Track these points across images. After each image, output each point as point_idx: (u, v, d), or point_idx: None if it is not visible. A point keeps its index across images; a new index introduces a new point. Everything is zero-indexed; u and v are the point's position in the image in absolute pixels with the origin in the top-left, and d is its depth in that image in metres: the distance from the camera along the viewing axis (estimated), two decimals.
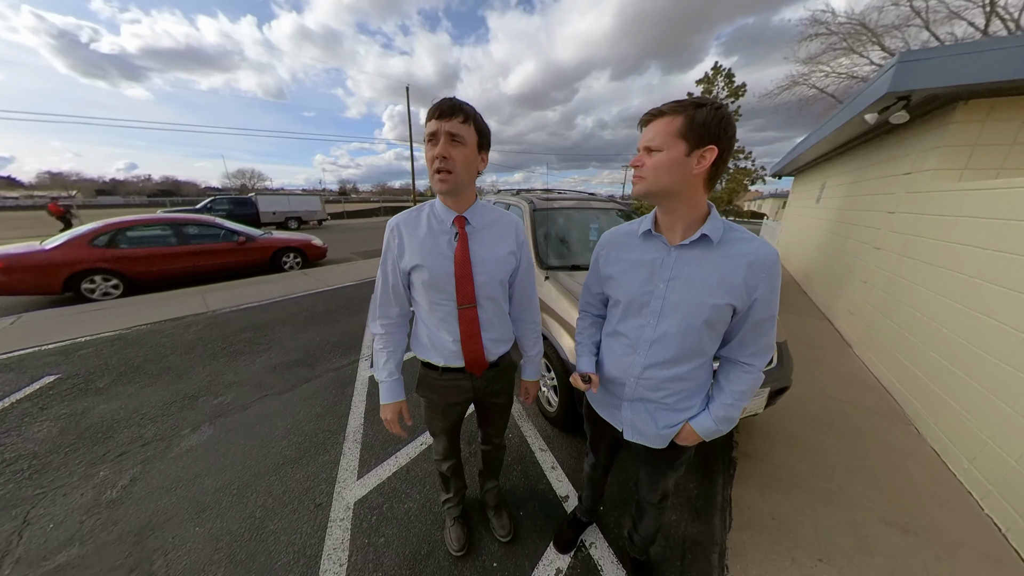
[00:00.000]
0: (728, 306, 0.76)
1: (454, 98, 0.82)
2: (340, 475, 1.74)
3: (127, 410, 2.26)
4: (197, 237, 5.37)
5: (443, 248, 0.94)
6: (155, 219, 5.18)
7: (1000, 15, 10.59)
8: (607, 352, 0.97)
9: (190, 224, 5.38)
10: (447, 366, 1.05)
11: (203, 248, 5.36)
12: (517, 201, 3.01)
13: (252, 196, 14.20)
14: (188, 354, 3.02)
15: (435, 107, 0.81)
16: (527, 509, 1.59)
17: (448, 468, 1.32)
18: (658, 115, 0.71)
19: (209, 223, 5.61)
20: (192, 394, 2.43)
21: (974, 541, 1.47)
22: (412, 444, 1.96)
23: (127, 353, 3.03)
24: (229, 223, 5.94)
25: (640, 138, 0.75)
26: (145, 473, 1.76)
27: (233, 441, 1.98)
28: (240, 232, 5.82)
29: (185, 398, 2.39)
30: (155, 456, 1.87)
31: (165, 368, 2.78)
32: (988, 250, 1.93)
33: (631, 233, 0.90)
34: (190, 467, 1.79)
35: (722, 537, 1.47)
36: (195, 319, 3.84)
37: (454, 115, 0.80)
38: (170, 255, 5.06)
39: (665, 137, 0.69)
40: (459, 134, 0.81)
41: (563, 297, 2.00)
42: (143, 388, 2.51)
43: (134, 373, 2.71)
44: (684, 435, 0.90)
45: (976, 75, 2.13)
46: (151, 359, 2.93)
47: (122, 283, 4.72)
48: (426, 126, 0.82)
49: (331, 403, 2.34)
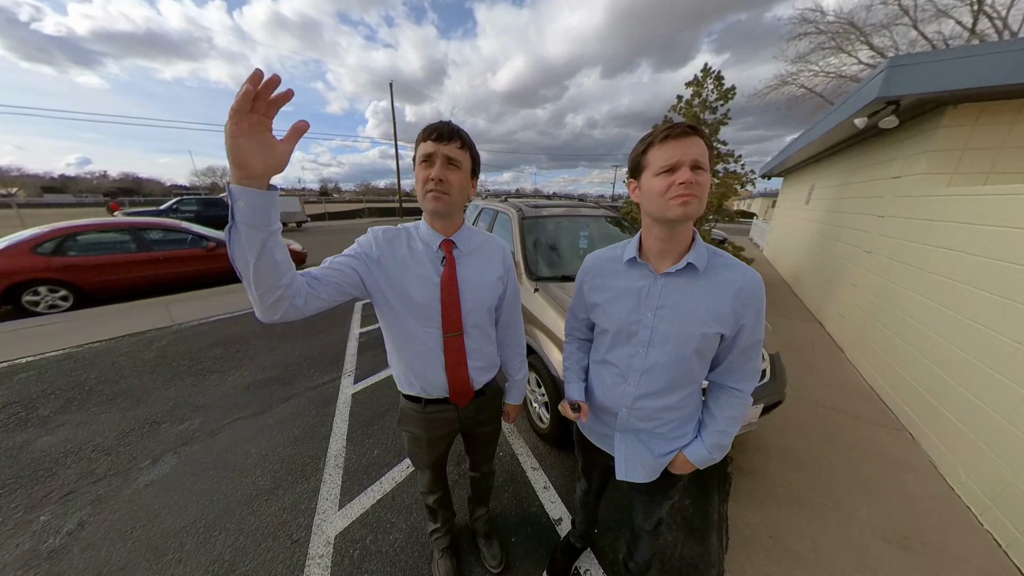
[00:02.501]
0: (717, 334, 0.78)
1: (451, 122, 0.84)
2: (320, 505, 1.68)
3: (76, 441, 2.11)
4: (160, 243, 5.14)
5: (429, 272, 0.92)
6: (111, 223, 4.93)
7: (988, 13, 11.13)
8: (597, 381, 0.97)
9: (152, 228, 5.14)
10: (430, 398, 1.03)
11: (167, 255, 5.13)
12: (505, 208, 3.00)
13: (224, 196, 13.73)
14: (149, 374, 2.87)
15: (432, 129, 0.81)
16: (519, 534, 1.57)
17: (435, 501, 1.30)
18: (694, 132, 0.69)
19: (174, 227, 5.40)
20: (153, 420, 2.31)
21: (974, 557, 1.50)
22: (398, 468, 1.91)
23: (77, 375, 2.85)
24: (197, 227, 5.74)
25: (680, 152, 0.68)
26: (96, 515, 1.63)
27: (200, 472, 1.88)
28: (210, 237, 5.61)
29: (145, 425, 2.26)
30: (108, 494, 1.75)
31: (122, 391, 2.64)
32: (978, 256, 2.01)
33: (615, 259, 0.90)
34: (149, 505, 1.69)
35: (719, 558, 1.48)
36: (158, 334, 3.67)
37: (452, 140, 0.81)
38: (129, 263, 4.81)
39: (708, 158, 0.70)
40: (456, 158, 0.82)
41: (553, 309, 1.99)
42: (96, 415, 2.36)
43: (85, 398, 2.55)
44: (678, 464, 0.91)
45: (964, 80, 2.22)
46: (106, 381, 2.77)
47: (72, 295, 4.45)
48: (420, 147, 0.83)
49: (311, 425, 2.26)
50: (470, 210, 4.23)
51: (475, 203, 4.20)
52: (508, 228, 2.79)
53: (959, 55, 2.23)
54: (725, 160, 4.98)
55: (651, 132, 0.74)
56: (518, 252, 2.52)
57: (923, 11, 11.94)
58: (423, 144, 0.81)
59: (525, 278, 2.37)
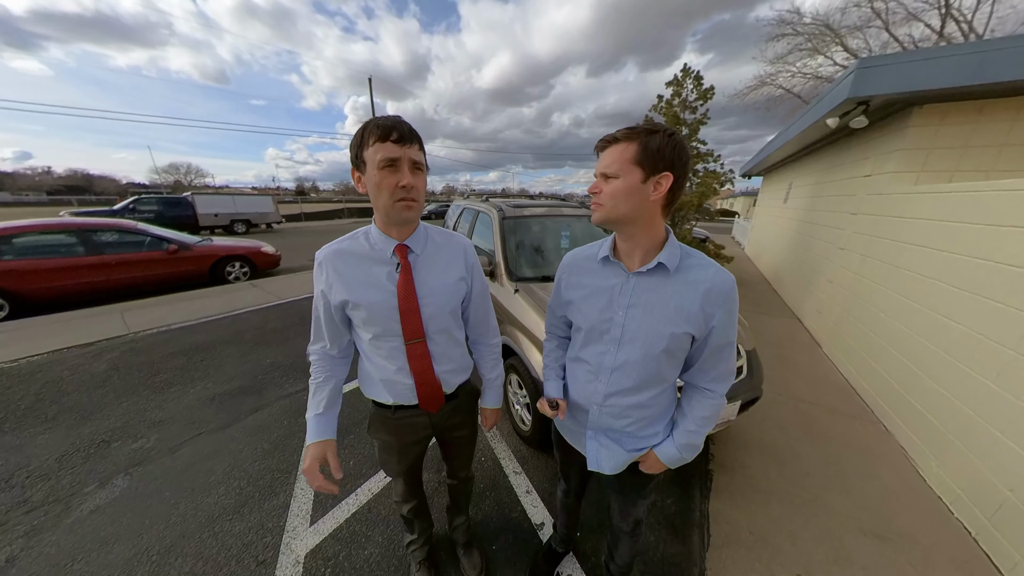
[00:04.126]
0: (686, 335, 0.79)
1: (402, 119, 0.80)
2: (289, 523, 1.62)
3: (7, 468, 1.94)
4: (113, 245, 4.86)
5: (382, 281, 0.91)
6: (53, 224, 4.63)
7: (955, 17, 11.89)
8: (571, 378, 1.00)
9: (104, 230, 4.85)
10: (399, 403, 1.02)
11: (122, 259, 4.85)
12: (486, 208, 3.01)
13: (188, 195, 13.11)
14: (99, 389, 2.70)
15: (389, 128, 0.76)
16: (500, 542, 1.56)
17: (410, 510, 1.28)
18: (613, 142, 0.75)
19: (130, 228, 5.12)
20: (102, 439, 2.16)
21: (946, 546, 1.59)
22: (375, 478, 1.87)
23: (11, 393, 2.64)
24: (156, 228, 5.47)
25: (597, 164, 0.79)
26: (29, 548, 1.50)
27: (155, 494, 1.78)
28: (171, 239, 5.36)
29: (92, 445, 2.11)
30: (45, 524, 1.62)
31: (66, 408, 2.46)
32: (944, 252, 2.13)
33: (591, 257, 0.92)
34: (95, 533, 1.57)
35: (701, 556, 1.51)
36: (111, 344, 3.46)
37: (413, 141, 0.79)
38: (76, 268, 4.53)
39: (621, 164, 0.73)
40: (420, 162, 0.82)
41: (534, 311, 1.99)
42: (32, 437, 2.18)
43: (21, 418, 2.36)
44: (649, 463, 0.92)
45: (930, 81, 2.36)
46: (47, 398, 2.58)
47: (7, 303, 4.18)
48: (375, 147, 0.76)
49: (282, 437, 2.18)
50: (451, 210, 4.21)
51: (456, 203, 4.18)
52: (489, 228, 2.78)
53: (924, 56, 2.37)
54: (705, 160, 5.13)
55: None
56: (498, 252, 2.51)
57: (894, 14, 12.68)
58: (382, 146, 0.75)
59: (506, 279, 2.37)
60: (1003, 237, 1.73)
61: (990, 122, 2.52)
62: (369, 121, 0.78)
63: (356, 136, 0.79)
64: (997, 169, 2.54)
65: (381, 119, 0.77)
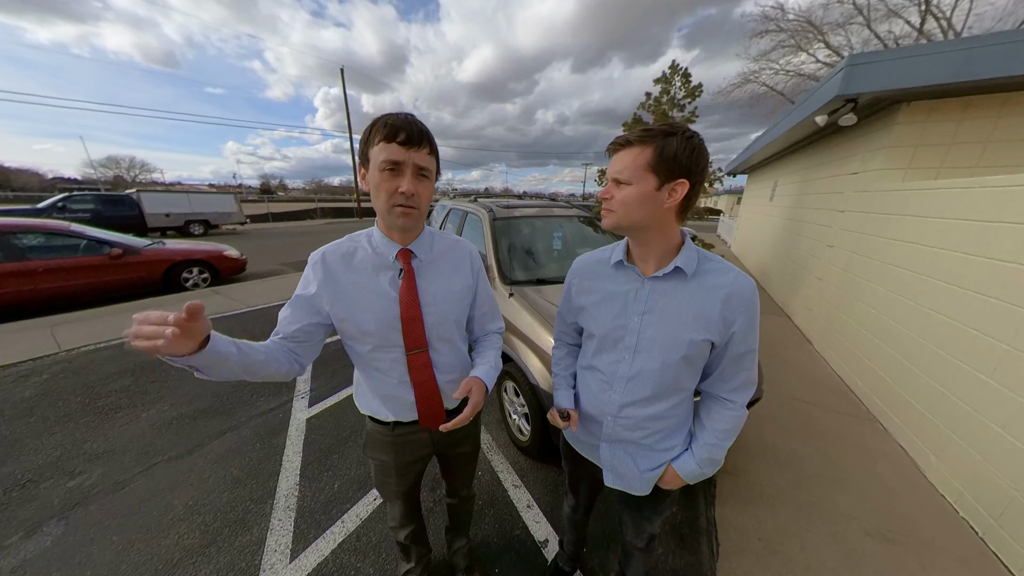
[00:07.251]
0: (706, 342, 0.79)
1: (415, 119, 0.76)
2: (266, 560, 1.52)
3: None
4: (39, 250, 4.45)
5: (384, 288, 0.89)
6: None
7: (934, 14, 12.83)
8: (583, 387, 0.99)
9: (26, 232, 4.44)
10: (399, 420, 0.99)
11: (51, 264, 4.46)
12: (475, 209, 3.00)
13: (133, 193, 12.26)
14: (24, 419, 2.44)
15: (396, 128, 0.73)
16: (503, 563, 1.53)
17: (407, 536, 1.24)
18: (626, 145, 0.74)
19: (60, 230, 4.71)
20: (28, 479, 1.93)
21: (954, 545, 1.67)
22: (363, 501, 1.81)
23: None
24: (94, 231, 5.06)
25: (608, 167, 0.78)
26: None
27: (98, 540, 1.60)
28: (113, 242, 4.96)
29: (14, 488, 1.88)
30: None
31: None
32: (933, 248, 2.26)
33: (603, 261, 0.92)
34: None
35: (711, 567, 1.53)
36: (38, 365, 3.17)
37: (422, 145, 0.76)
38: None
39: (634, 170, 0.72)
40: (427, 168, 0.79)
41: (530, 315, 1.98)
42: None
43: None
44: (667, 479, 0.91)
45: (919, 78, 2.51)
46: None
47: None
48: (379, 147, 0.73)
49: (255, 461, 2.06)
50: (437, 211, 4.14)
51: (443, 203, 4.13)
52: (479, 230, 2.76)
53: (913, 53, 2.52)
54: None
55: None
56: (490, 255, 2.49)
57: (875, 11, 13.61)
58: (387, 146, 0.73)
59: (499, 283, 2.35)
60: (995, 233, 1.85)
61: (975, 119, 2.69)
62: (379, 117, 0.76)
63: (365, 131, 0.77)
64: (982, 165, 2.72)
65: (391, 117, 0.75)
